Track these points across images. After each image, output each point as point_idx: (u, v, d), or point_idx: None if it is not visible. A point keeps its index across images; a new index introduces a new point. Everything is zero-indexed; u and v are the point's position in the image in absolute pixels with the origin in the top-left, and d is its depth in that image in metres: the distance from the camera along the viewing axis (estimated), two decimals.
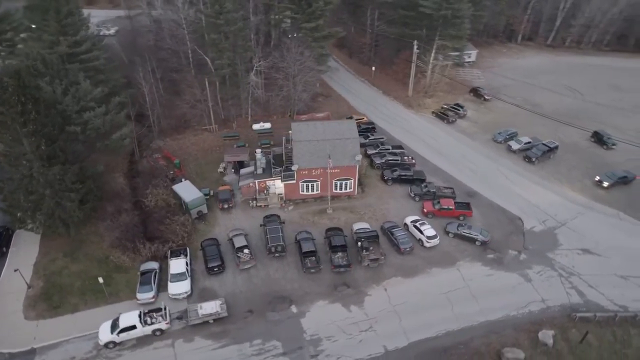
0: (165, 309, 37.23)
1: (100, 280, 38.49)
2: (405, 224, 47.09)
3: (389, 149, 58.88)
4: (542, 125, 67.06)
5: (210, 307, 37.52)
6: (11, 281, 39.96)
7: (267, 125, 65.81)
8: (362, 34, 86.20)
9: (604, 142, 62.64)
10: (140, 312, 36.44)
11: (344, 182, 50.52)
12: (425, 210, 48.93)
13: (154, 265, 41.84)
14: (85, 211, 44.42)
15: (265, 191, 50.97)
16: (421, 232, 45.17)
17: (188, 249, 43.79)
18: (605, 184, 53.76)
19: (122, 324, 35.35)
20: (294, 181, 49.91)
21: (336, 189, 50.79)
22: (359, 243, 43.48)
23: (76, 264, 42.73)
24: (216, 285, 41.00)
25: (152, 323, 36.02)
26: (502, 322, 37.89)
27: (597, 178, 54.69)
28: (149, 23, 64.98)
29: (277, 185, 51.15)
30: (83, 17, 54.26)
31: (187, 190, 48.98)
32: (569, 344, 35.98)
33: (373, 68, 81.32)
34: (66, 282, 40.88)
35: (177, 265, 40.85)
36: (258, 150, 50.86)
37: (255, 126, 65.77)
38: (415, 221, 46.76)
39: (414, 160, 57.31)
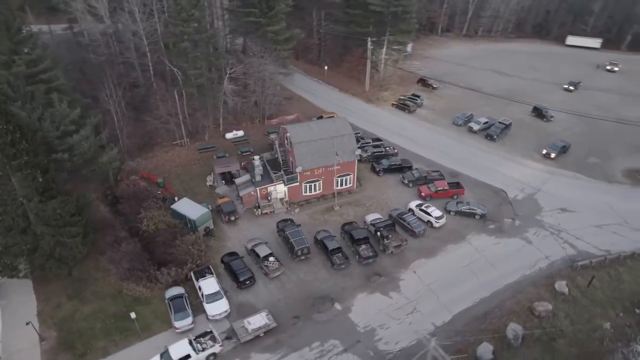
0: (212, 331, 35.44)
1: (133, 315, 35.37)
2: (410, 209, 49.70)
3: (369, 142, 61.20)
4: (489, 106, 74.67)
5: (258, 321, 36.52)
6: (16, 338, 35.23)
7: (240, 132, 64.59)
8: (309, 35, 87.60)
9: (544, 116, 71.46)
10: (190, 340, 34.32)
11: (344, 178, 51.69)
12: (423, 194, 52.03)
13: (180, 290, 39.40)
14: (88, 245, 40.27)
15: (268, 198, 50.26)
16: (428, 214, 48.08)
17: (210, 267, 41.87)
18: (552, 154, 61.29)
19: (175, 355, 32.99)
20: (297, 183, 49.94)
21: (337, 185, 51.81)
22: (379, 233, 45.13)
23: (87, 305, 38.66)
24: (251, 299, 39.84)
25: (204, 349, 34.12)
26: (521, 282, 42.12)
27: (544, 151, 62.04)
28: (99, 37, 59.65)
29: (279, 190, 50.76)
30: (32, 33, 48.66)
31: (189, 208, 46.57)
32: (579, 290, 41.25)
33: (326, 67, 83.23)
34: (83, 326, 36.87)
35: (209, 285, 38.91)
36: (256, 157, 49.88)
37: (229, 135, 64.15)
38: (420, 205, 49.61)
39: (395, 150, 60.33)
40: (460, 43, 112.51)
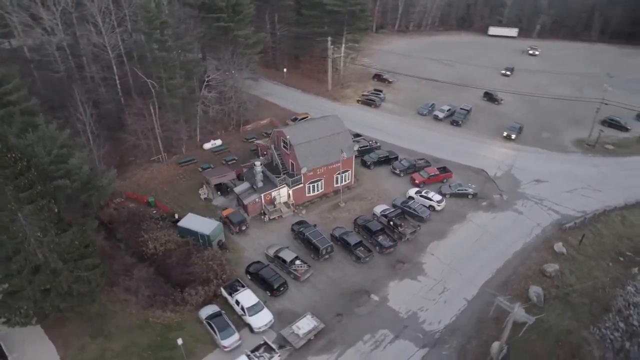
0: (266, 342, 34.53)
1: (180, 341, 33.14)
2: (410, 196, 51.99)
3: (352, 138, 62.49)
4: (444, 95, 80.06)
5: (306, 324, 36.26)
6: None
7: (219, 142, 62.71)
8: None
9: (495, 99, 78.19)
10: (248, 355, 33.15)
11: (343, 175, 52.56)
12: (417, 181, 54.65)
13: (214, 307, 37.76)
14: (105, 277, 36.90)
15: (273, 203, 49.55)
16: (429, 199, 50.71)
17: (239, 279, 40.49)
18: (513, 135, 67.36)
19: None
20: (301, 184, 49.86)
21: (337, 182, 52.54)
22: (391, 222, 46.76)
23: (115, 341, 35.59)
24: (288, 305, 39.31)
25: None
26: (525, 249, 46.26)
27: (505, 133, 67.88)
28: (53, 51, 53.99)
29: (282, 194, 50.29)
30: None
31: (199, 223, 44.52)
32: (574, 248, 46.32)
33: (284, 70, 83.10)
34: None
35: (247, 297, 37.69)
36: (257, 163, 48.86)
37: (207, 145, 62.02)
38: (419, 191, 52.10)
39: (378, 144, 62.45)
40: (397, 38, 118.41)
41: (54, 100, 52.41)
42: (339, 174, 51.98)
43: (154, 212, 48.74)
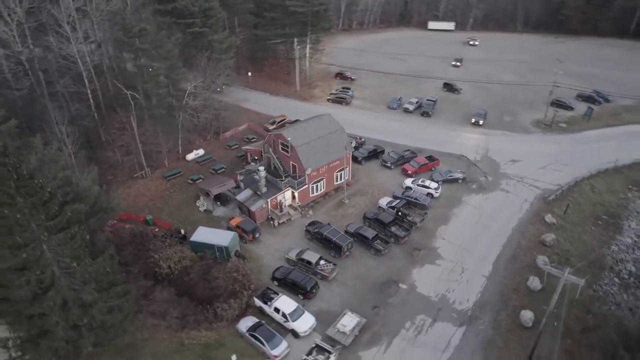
0: (319, 344, 34.30)
1: (234, 358, 31.98)
2: (408, 186, 53.88)
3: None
4: (405, 88, 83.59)
5: (350, 321, 36.51)
6: None
7: (201, 151, 60.51)
8: None
9: (455, 89, 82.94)
10: (304, 359, 32.74)
11: (342, 172, 53.15)
12: (409, 172, 56.72)
13: (253, 319, 36.85)
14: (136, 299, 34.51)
15: (280, 207, 48.90)
16: (427, 187, 52.96)
17: (269, 287, 39.64)
18: (480, 121, 71.96)
19: None
20: (306, 185, 49.72)
21: (337, 180, 53.05)
22: (399, 213, 48.25)
23: None
24: (323, 305, 39.26)
25: None
26: (521, 223, 49.90)
27: (473, 120, 72.37)
28: (11, 66, 48.69)
29: (286, 197, 49.83)
30: None
31: (214, 235, 42.97)
32: (561, 217, 50.85)
33: (249, 74, 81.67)
34: None
35: (286, 303, 37.10)
36: (261, 168, 47.91)
37: (190, 156, 59.71)
38: (415, 181, 54.16)
39: (363, 139, 63.78)
40: (344, 37, 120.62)
41: (21, 119, 47.40)
42: (338, 171, 52.52)
43: (156, 230, 46.06)
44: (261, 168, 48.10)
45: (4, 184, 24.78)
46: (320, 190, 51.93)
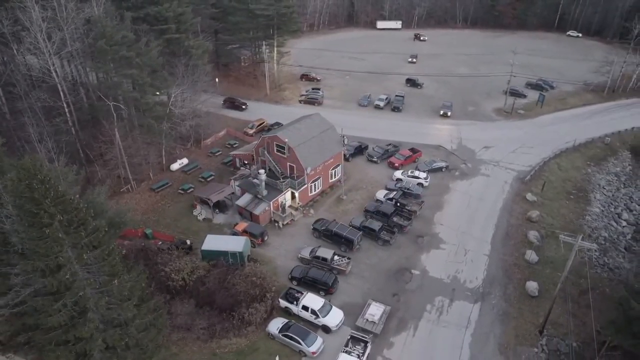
0: (354, 335, 35.02)
1: (277, 359, 31.88)
2: (399, 178, 55.92)
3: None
4: (371, 85, 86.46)
5: (377, 310, 37.56)
6: None
7: (185, 160, 58.89)
8: None
9: (417, 84, 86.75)
10: (347, 351, 33.37)
11: (336, 169, 54.08)
12: (397, 164, 58.86)
13: (281, 319, 36.75)
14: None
15: (282, 209, 48.89)
16: (417, 177, 55.32)
17: (291, 287, 39.70)
18: (448, 113, 75.95)
19: None
20: (305, 185, 50.10)
21: (332, 178, 53.91)
22: (398, 203, 50.11)
23: None
24: (346, 299, 40.00)
25: (363, 352, 33.68)
26: (506, 204, 53.56)
27: (441, 112, 76.15)
28: None
29: (287, 198, 49.94)
30: None
31: (225, 242, 42.23)
32: (540, 195, 55.32)
33: (217, 79, 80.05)
34: None
35: (314, 300, 37.39)
36: (261, 171, 47.61)
37: (174, 166, 57.96)
38: (405, 172, 56.34)
39: (344, 137, 64.92)
40: (298, 39, 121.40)
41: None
42: (333, 169, 53.43)
43: (160, 243, 44.31)
44: (262, 171, 47.80)
45: (42, 202, 23.20)
46: (318, 189, 52.54)
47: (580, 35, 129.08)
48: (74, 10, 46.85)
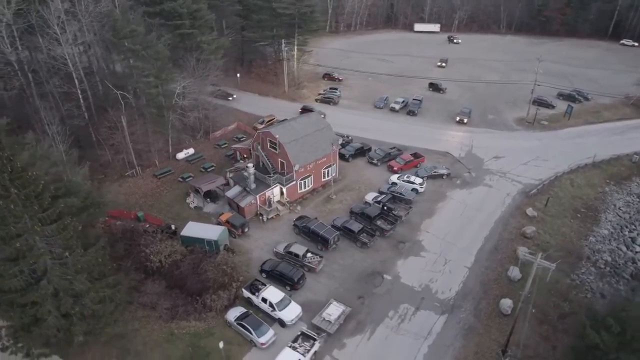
0: (304, 332, 35.43)
1: (221, 345, 32.95)
2: (394, 182, 55.27)
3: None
4: (391, 88, 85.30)
5: (335, 310, 37.69)
6: None
7: (191, 151, 61.47)
8: None
9: (440, 89, 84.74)
10: (293, 346, 33.85)
11: (329, 169, 54.39)
12: (395, 168, 58.16)
13: (241, 309, 37.89)
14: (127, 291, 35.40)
15: (269, 203, 49.97)
16: (412, 182, 54.39)
17: (257, 279, 40.73)
18: (465, 119, 73.70)
19: None
20: (294, 182, 50.87)
21: (325, 177, 54.28)
22: (385, 207, 49.61)
23: (146, 358, 34.26)
24: (310, 295, 40.41)
25: (308, 350, 34.04)
26: (503, 216, 51.45)
27: (458, 118, 74.06)
28: (2, 67, 49.30)
29: (275, 193, 50.94)
30: None
31: (204, 230, 43.96)
32: (541, 211, 52.59)
33: (238, 75, 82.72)
34: None
35: (273, 293, 38.17)
36: (250, 165, 49.02)
37: (180, 155, 60.54)
38: (401, 177, 55.59)
39: (350, 137, 65.16)
40: (332, 39, 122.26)
41: (12, 119, 48.04)
42: (326, 168, 53.77)
43: (147, 226, 46.85)
44: (250, 165, 49.16)
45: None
46: (309, 186, 53.10)
47: (636, 44, 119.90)
48: (92, 4, 50.51)
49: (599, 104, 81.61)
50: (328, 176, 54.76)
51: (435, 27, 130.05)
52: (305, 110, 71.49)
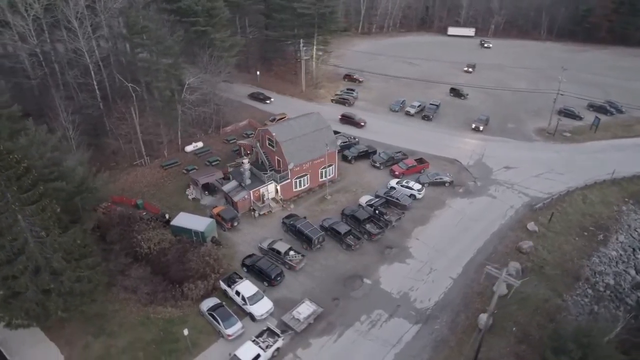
0: (270, 327, 35.93)
1: (186, 332, 34.11)
2: (392, 187, 54.61)
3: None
4: (412, 91, 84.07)
5: (305, 310, 37.89)
6: None
7: (200, 144, 63.42)
8: None
9: (461, 94, 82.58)
10: (254, 340, 34.47)
11: (328, 169, 54.54)
12: (397, 172, 57.42)
13: (215, 300, 38.79)
14: (105, 276, 37.22)
15: (262, 199, 50.85)
16: (410, 188, 53.53)
17: (236, 272, 41.67)
18: (481, 127, 71.45)
19: (246, 358, 32.94)
20: (289, 180, 51.45)
21: (322, 177, 54.50)
22: (377, 211, 49.17)
23: (119, 338, 36.08)
24: (287, 293, 40.80)
25: (269, 346, 34.51)
26: (502, 229, 49.61)
27: (473, 125, 71.89)
28: (24, 58, 53.15)
29: (270, 190, 51.72)
30: None
31: (192, 221, 45.39)
32: (544, 226, 50.23)
33: (258, 72, 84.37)
34: (125, 359, 34.40)
35: (247, 287, 38.92)
36: (245, 161, 50.12)
37: (189, 148, 62.58)
38: (400, 182, 54.85)
39: (357, 139, 64.96)
40: (362, 40, 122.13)
41: (29, 107, 51.57)
42: (323, 168, 53.96)
43: (144, 213, 48.99)
44: (245, 161, 50.22)
45: None
46: (304, 185, 53.49)
47: None
48: (110, 1, 53.32)
49: (634, 117, 76.72)
50: (326, 176, 54.90)
51: (470, 31, 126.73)
52: (345, 117, 71.49)
